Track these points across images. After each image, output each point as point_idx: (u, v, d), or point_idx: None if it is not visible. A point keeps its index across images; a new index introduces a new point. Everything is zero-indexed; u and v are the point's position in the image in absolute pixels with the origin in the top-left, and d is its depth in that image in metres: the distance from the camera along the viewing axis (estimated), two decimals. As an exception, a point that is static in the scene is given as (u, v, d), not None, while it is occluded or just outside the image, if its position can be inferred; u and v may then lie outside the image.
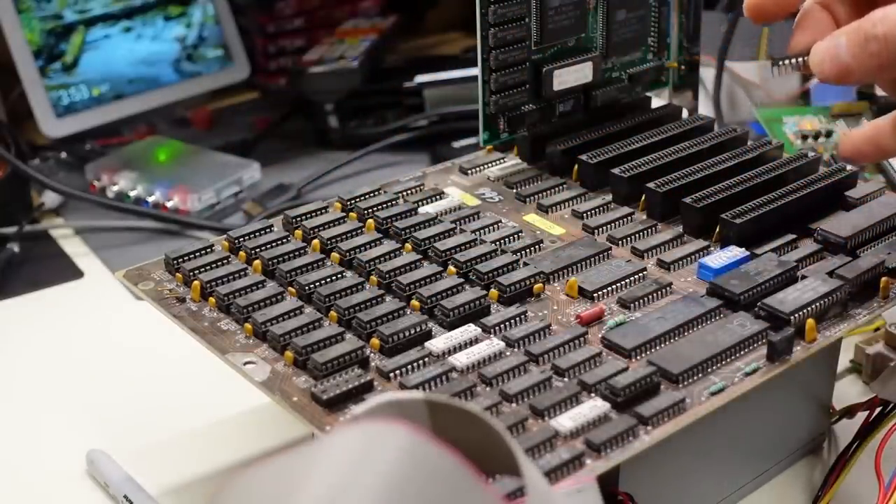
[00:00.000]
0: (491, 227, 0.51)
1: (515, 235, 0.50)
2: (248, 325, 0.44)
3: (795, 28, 0.45)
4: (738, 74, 0.83)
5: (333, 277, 0.46)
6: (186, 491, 0.51)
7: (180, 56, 0.91)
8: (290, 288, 0.46)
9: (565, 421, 0.38)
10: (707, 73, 0.80)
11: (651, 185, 0.52)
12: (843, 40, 0.41)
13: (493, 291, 0.46)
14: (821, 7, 0.45)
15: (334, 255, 0.48)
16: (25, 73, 0.82)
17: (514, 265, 0.47)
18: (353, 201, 0.53)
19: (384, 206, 0.52)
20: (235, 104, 0.98)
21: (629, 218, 0.52)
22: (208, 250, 0.49)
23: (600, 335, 0.43)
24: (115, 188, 0.80)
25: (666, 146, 0.56)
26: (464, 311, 0.44)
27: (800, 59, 0.44)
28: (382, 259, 0.48)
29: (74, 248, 0.75)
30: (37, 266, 0.72)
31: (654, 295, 0.46)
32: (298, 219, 0.51)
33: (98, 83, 0.86)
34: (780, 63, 0.45)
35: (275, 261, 0.48)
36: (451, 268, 0.47)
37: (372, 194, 0.53)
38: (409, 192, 0.55)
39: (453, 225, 0.50)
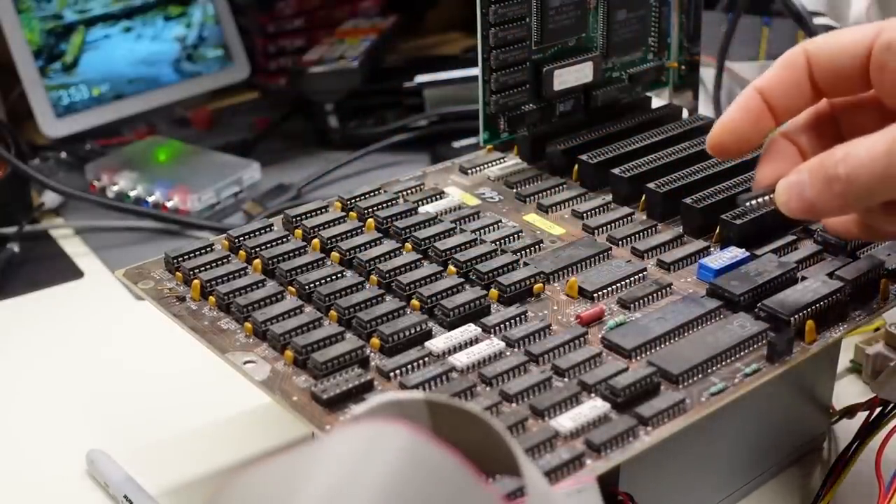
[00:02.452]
0: (491, 227, 0.51)
1: (515, 235, 0.50)
2: (248, 325, 0.44)
3: (760, 161, 0.45)
4: (738, 74, 0.83)
5: (333, 277, 0.46)
6: (186, 491, 0.51)
7: (180, 56, 0.91)
8: (290, 287, 0.46)
9: (565, 421, 0.38)
10: (707, 73, 0.80)
11: (651, 185, 0.52)
12: (805, 178, 0.40)
13: (493, 291, 0.46)
14: (785, 139, 0.45)
15: (334, 254, 0.48)
16: (25, 73, 0.82)
17: (514, 265, 0.47)
18: (353, 201, 0.53)
19: (384, 205, 0.52)
20: (235, 104, 0.98)
21: (629, 218, 0.52)
22: (208, 249, 0.49)
23: (600, 335, 0.43)
24: (115, 188, 0.80)
25: (666, 146, 0.56)
26: (464, 310, 0.44)
27: (767, 197, 0.43)
28: (382, 259, 0.48)
29: (74, 248, 0.75)
30: (37, 266, 0.72)
31: (654, 295, 0.46)
32: (298, 218, 0.51)
33: (98, 83, 0.86)
34: (748, 202, 0.44)
35: (275, 260, 0.48)
36: (451, 268, 0.47)
37: (372, 194, 0.53)
38: (409, 191, 0.55)
39: (453, 225, 0.50)
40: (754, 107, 0.44)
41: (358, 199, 0.53)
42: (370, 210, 0.52)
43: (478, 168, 0.58)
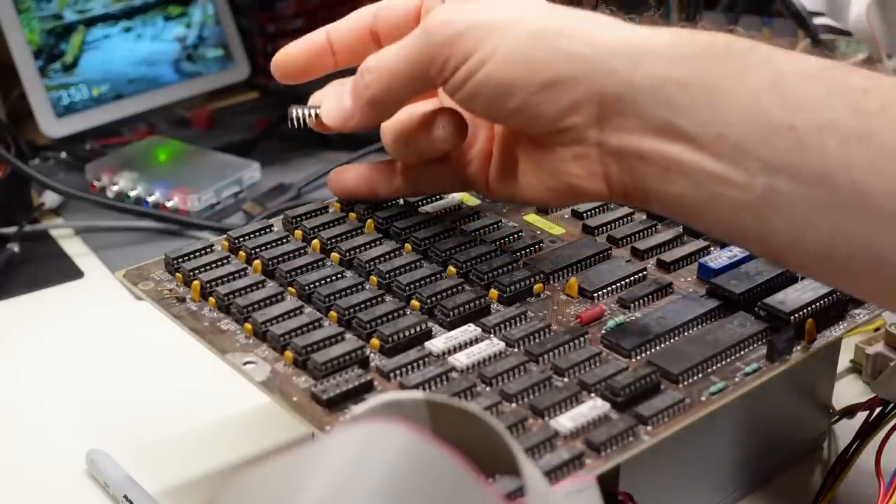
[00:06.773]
0: (491, 227, 0.51)
1: (515, 235, 0.50)
2: (248, 325, 0.44)
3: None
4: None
5: (333, 277, 0.46)
6: (186, 491, 0.51)
7: (180, 56, 0.91)
8: (290, 288, 0.46)
9: (565, 421, 0.38)
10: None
11: (651, 185, 0.52)
12: (345, 87, 0.46)
13: (493, 291, 0.46)
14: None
15: (334, 255, 0.48)
16: (25, 73, 0.82)
17: (514, 265, 0.47)
18: (353, 202, 0.53)
19: (384, 205, 0.52)
20: (235, 104, 0.98)
21: (629, 218, 0.52)
22: (208, 250, 0.49)
23: (600, 335, 0.43)
24: (115, 188, 0.80)
25: (666, 146, 0.56)
26: (464, 311, 0.44)
27: (313, 110, 0.48)
28: (382, 259, 0.48)
29: (74, 248, 0.75)
30: (37, 266, 0.72)
31: (654, 295, 0.46)
32: (298, 219, 0.51)
33: (98, 83, 0.86)
34: (294, 112, 0.48)
35: (275, 261, 0.48)
36: (451, 268, 0.47)
37: (372, 194, 0.53)
38: (409, 192, 0.55)
39: (453, 225, 0.50)
40: (318, 42, 0.49)
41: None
42: (370, 210, 0.52)
43: (478, 168, 0.58)
